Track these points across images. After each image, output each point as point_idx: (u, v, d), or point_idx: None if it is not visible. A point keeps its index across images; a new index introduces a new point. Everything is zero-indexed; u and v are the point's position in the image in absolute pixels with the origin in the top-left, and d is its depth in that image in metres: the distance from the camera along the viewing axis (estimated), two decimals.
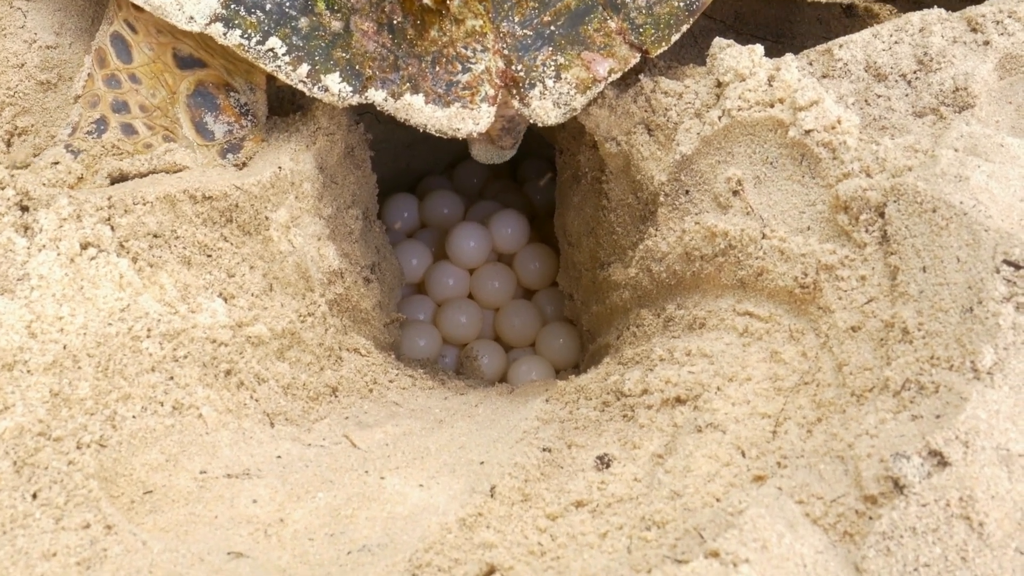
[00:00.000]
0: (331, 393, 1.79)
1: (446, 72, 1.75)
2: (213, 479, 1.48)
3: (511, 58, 1.77)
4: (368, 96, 1.76)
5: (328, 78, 1.75)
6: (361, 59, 1.75)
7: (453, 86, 1.75)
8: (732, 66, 1.76)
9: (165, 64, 1.86)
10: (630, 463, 1.50)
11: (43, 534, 1.29)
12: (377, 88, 1.75)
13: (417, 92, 1.75)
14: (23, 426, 1.39)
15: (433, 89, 1.74)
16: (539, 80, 1.78)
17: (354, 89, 1.75)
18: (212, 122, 1.86)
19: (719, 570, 1.14)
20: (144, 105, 1.85)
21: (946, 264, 1.41)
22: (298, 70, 1.75)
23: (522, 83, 1.77)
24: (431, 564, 1.32)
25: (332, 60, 1.76)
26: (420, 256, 2.73)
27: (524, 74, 1.77)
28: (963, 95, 1.71)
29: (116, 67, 1.85)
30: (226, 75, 1.88)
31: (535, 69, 1.78)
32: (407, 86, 1.75)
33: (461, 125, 1.76)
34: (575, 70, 1.78)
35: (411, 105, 1.75)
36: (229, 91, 1.87)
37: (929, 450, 1.22)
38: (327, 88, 1.75)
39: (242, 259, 1.75)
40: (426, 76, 1.74)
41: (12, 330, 1.47)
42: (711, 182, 1.76)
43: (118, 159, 1.81)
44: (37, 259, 1.56)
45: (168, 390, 1.54)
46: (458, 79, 1.75)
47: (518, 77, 1.77)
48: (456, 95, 1.75)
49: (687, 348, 1.67)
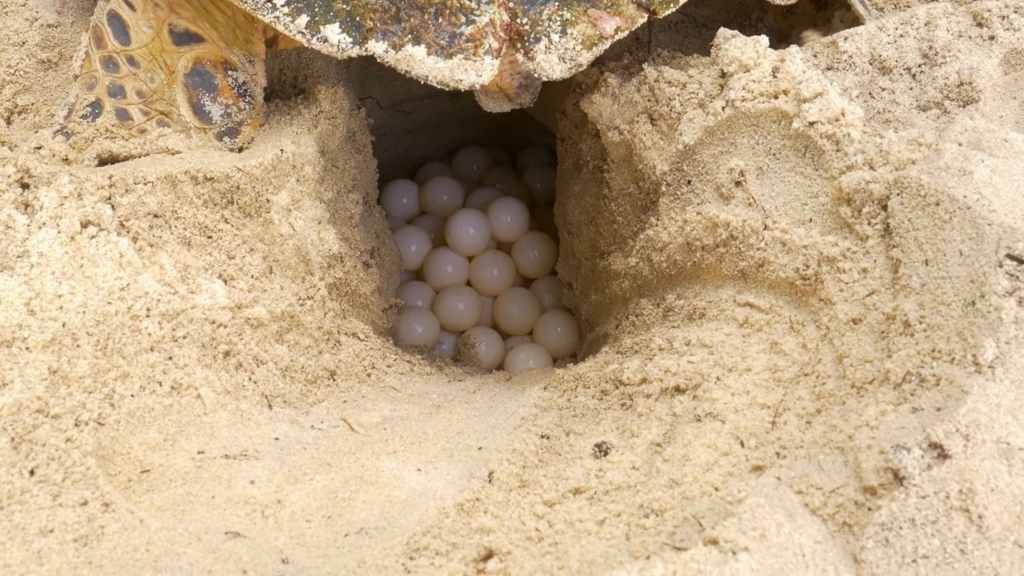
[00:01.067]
0: (329, 377, 1.78)
1: (449, 24, 1.73)
2: (211, 459, 1.48)
3: (516, 11, 1.76)
4: (368, 48, 1.73)
5: (327, 29, 1.73)
6: (362, 10, 1.73)
7: (456, 38, 1.73)
8: (736, 56, 1.76)
9: (163, 42, 1.84)
10: (628, 451, 1.50)
11: (40, 510, 1.29)
12: (378, 39, 1.73)
13: (419, 43, 1.73)
14: (21, 403, 1.39)
15: (435, 41, 1.72)
16: (544, 34, 1.76)
17: (354, 40, 1.73)
18: (210, 104, 1.85)
19: (718, 558, 1.14)
20: (141, 91, 1.83)
21: (948, 258, 1.41)
22: (296, 21, 1.73)
23: (527, 37, 1.76)
24: (428, 548, 1.32)
25: (332, 11, 1.73)
26: (419, 242, 2.73)
27: (529, 28, 1.76)
28: (967, 89, 1.71)
29: (114, 48, 1.84)
30: (224, 49, 1.86)
31: (540, 23, 1.76)
32: (408, 38, 1.73)
33: (463, 77, 1.74)
34: (581, 26, 1.77)
35: (412, 56, 1.73)
36: (227, 70, 1.86)
37: (929, 442, 1.22)
38: (326, 39, 1.73)
39: (242, 241, 1.74)
40: (428, 28, 1.73)
41: (11, 307, 1.47)
42: (714, 172, 1.76)
43: (110, 140, 1.80)
44: (37, 236, 1.55)
45: (167, 370, 1.54)
46: (461, 31, 1.73)
47: (523, 30, 1.75)
48: (459, 47, 1.73)
49: (687, 338, 1.66)
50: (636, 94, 1.92)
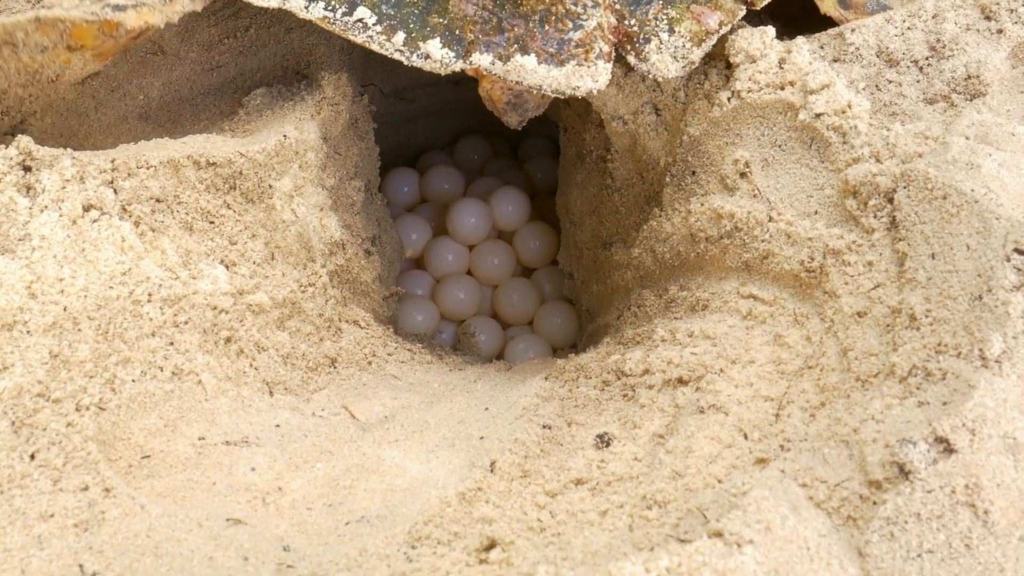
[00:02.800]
0: (330, 364, 1.78)
1: (556, 31, 1.71)
2: (211, 446, 1.47)
3: (623, 13, 1.74)
4: (473, 60, 1.70)
5: (428, 45, 1.69)
6: (460, 23, 1.70)
7: (565, 44, 1.71)
8: (743, 47, 1.75)
9: None
10: (630, 442, 1.49)
11: (41, 495, 1.28)
12: (481, 52, 1.70)
13: (527, 53, 1.70)
14: (22, 386, 1.38)
15: (544, 49, 1.70)
16: (653, 34, 1.75)
17: (457, 54, 1.70)
18: None
19: (723, 550, 1.13)
20: None
21: (955, 251, 1.40)
22: (393, 39, 1.69)
23: (636, 38, 1.74)
24: (430, 537, 1.32)
25: (429, 26, 1.70)
26: (420, 231, 2.72)
27: (637, 29, 1.74)
28: (975, 83, 1.70)
29: None
30: None
31: (648, 23, 1.75)
32: (515, 47, 1.70)
33: (580, 83, 1.71)
34: (687, 23, 1.76)
35: (523, 67, 1.70)
36: None
37: (935, 437, 1.21)
38: (428, 55, 1.69)
39: (244, 227, 1.73)
40: (535, 36, 1.70)
41: (12, 290, 1.46)
42: (718, 164, 1.75)
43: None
44: (39, 220, 1.54)
45: (168, 355, 1.53)
46: (570, 37, 1.71)
47: (631, 32, 1.74)
48: (570, 53, 1.71)
49: (689, 329, 1.66)
50: (641, 84, 1.91)
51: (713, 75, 1.80)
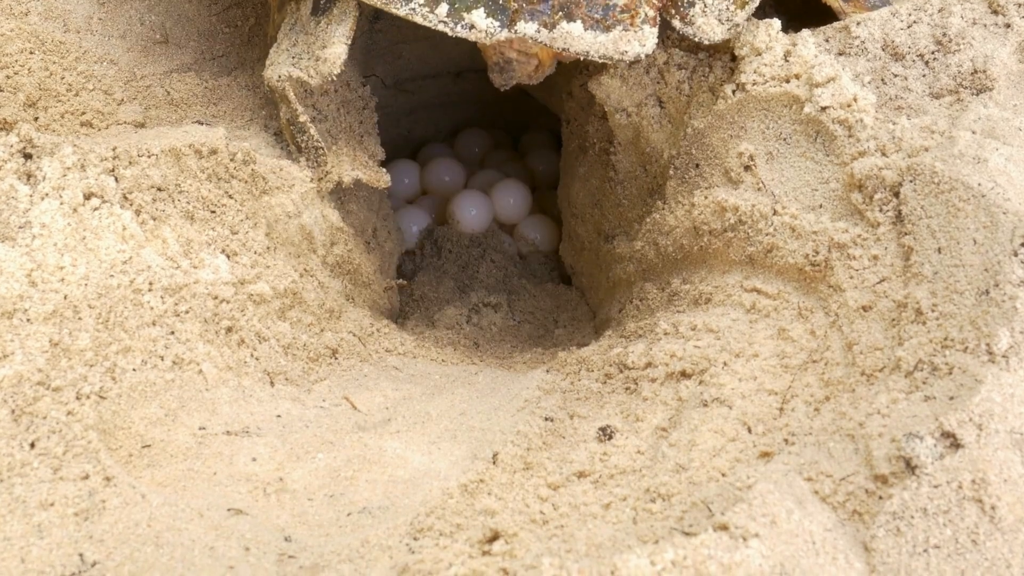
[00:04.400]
0: (331, 355, 1.77)
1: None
2: (212, 436, 1.46)
3: None
4: (518, 29, 1.68)
5: (472, 15, 1.67)
6: None
7: (610, 10, 1.69)
8: (748, 40, 1.74)
9: None
10: (633, 435, 1.48)
11: (41, 483, 1.27)
12: (527, 20, 1.68)
13: (573, 19, 1.68)
14: (22, 375, 1.37)
15: (589, 15, 1.68)
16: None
17: (501, 24, 1.68)
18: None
19: (728, 544, 1.13)
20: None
21: (962, 246, 1.39)
22: (436, 10, 1.68)
23: (680, 2, 1.72)
24: (433, 528, 1.31)
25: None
26: (420, 223, 2.71)
27: None
28: (981, 77, 1.69)
29: None
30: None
31: None
32: (560, 15, 1.68)
33: (628, 48, 1.70)
34: None
35: (569, 33, 1.68)
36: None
37: (942, 431, 1.21)
38: (473, 25, 1.68)
39: (246, 216, 1.72)
40: (579, 3, 1.68)
41: (12, 278, 1.45)
42: (722, 156, 1.75)
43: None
44: (40, 207, 1.53)
45: (169, 345, 1.52)
46: (614, 3, 1.69)
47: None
48: (615, 19, 1.69)
49: (692, 323, 1.65)
50: (645, 76, 1.90)
51: (718, 67, 1.80)
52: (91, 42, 2.05)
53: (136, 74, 2.05)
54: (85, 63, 2.02)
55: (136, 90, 2.03)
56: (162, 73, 2.07)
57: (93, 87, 2.01)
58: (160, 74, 2.07)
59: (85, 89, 2.00)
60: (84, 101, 1.98)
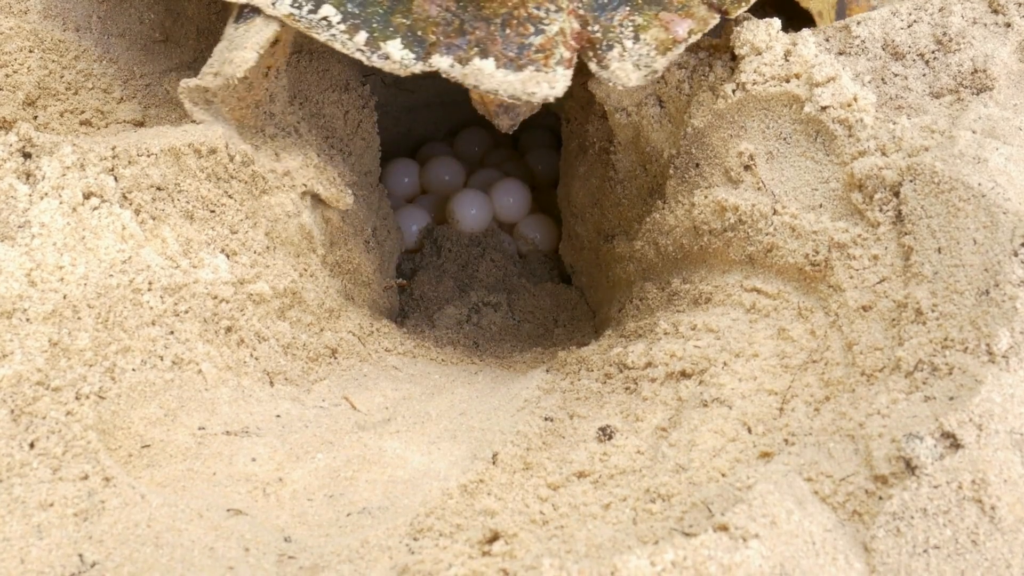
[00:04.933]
0: (331, 355, 1.77)
1: (517, 34, 1.66)
2: (212, 436, 1.46)
3: (587, 18, 1.69)
4: (432, 63, 1.66)
5: (388, 45, 1.66)
6: (423, 24, 1.66)
7: (525, 49, 1.66)
8: (748, 39, 1.74)
9: None
10: (633, 435, 1.48)
11: (40, 484, 1.27)
12: (442, 54, 1.66)
13: (486, 56, 1.65)
14: (21, 374, 1.36)
15: (504, 53, 1.65)
16: (617, 41, 1.69)
17: (417, 56, 1.66)
18: None
19: (728, 544, 1.13)
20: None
21: (962, 246, 1.39)
22: (355, 38, 1.67)
23: (599, 44, 1.69)
24: (432, 529, 1.31)
25: (392, 26, 1.67)
26: (420, 222, 2.71)
27: (601, 35, 1.69)
28: (982, 77, 1.69)
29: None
30: None
31: (612, 30, 1.69)
32: (475, 51, 1.65)
33: (536, 89, 1.66)
34: (654, 31, 1.70)
35: (480, 71, 1.65)
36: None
37: (942, 432, 1.21)
38: (388, 56, 1.66)
39: (245, 216, 1.72)
40: (495, 39, 1.65)
41: (12, 278, 1.44)
42: (722, 156, 1.74)
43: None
44: (39, 207, 1.53)
45: (168, 344, 1.52)
46: (531, 41, 1.66)
47: (595, 38, 1.68)
48: (529, 58, 1.66)
49: (692, 323, 1.65)
50: None
51: (718, 67, 1.79)
52: (90, 40, 2.05)
53: (135, 72, 2.05)
54: (84, 61, 2.02)
55: (135, 89, 2.03)
56: (161, 72, 2.07)
57: (92, 86, 2.01)
58: (159, 73, 2.07)
59: (84, 88, 2.00)
60: (83, 100, 1.98)
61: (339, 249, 1.94)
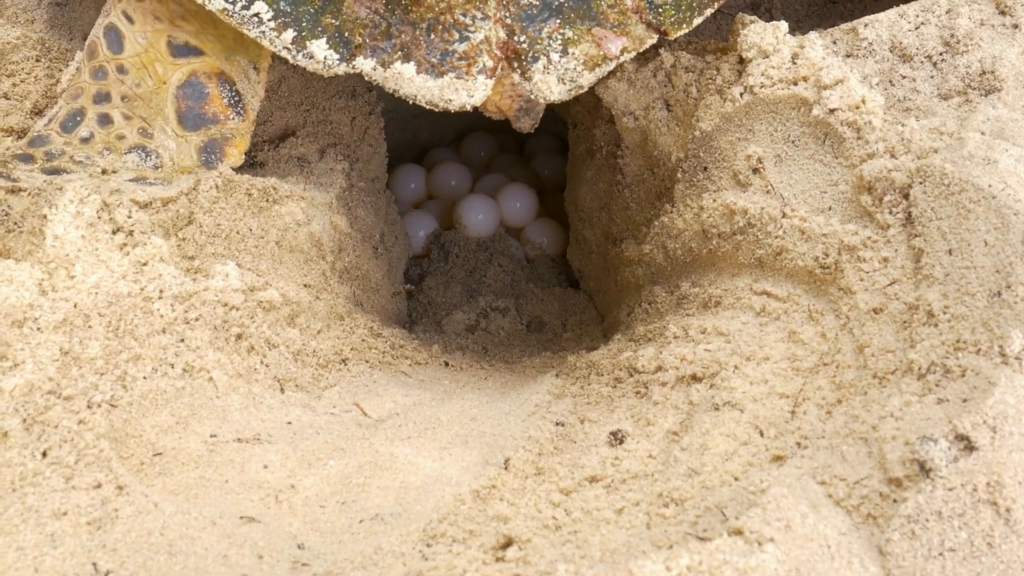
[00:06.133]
0: (340, 361, 1.77)
1: (442, 40, 1.64)
2: (223, 443, 1.46)
3: (514, 28, 1.66)
4: (356, 65, 1.66)
5: (314, 45, 1.65)
6: (351, 25, 1.65)
7: (448, 55, 1.64)
8: (755, 43, 1.74)
9: (158, 52, 1.79)
10: (644, 440, 1.48)
11: (53, 493, 1.27)
12: (366, 56, 1.65)
13: (408, 61, 1.64)
14: (33, 383, 1.37)
15: (426, 58, 1.64)
16: (543, 53, 1.67)
17: (341, 57, 1.66)
18: (196, 111, 1.79)
19: (743, 548, 1.12)
20: (126, 94, 1.77)
21: (973, 247, 1.39)
22: (282, 36, 1.66)
23: (524, 55, 1.67)
24: (445, 535, 1.31)
25: (320, 26, 1.66)
26: (427, 227, 2.71)
27: (527, 46, 1.67)
28: (990, 78, 1.69)
29: (105, 58, 1.78)
30: (223, 61, 1.80)
31: (540, 42, 1.67)
32: (399, 55, 1.64)
33: (454, 96, 1.66)
34: (584, 46, 1.68)
35: (401, 75, 1.65)
36: (223, 81, 1.81)
37: (956, 434, 1.20)
38: (312, 55, 1.66)
39: (256, 224, 1.72)
40: (420, 44, 1.64)
41: (23, 287, 1.45)
42: (731, 159, 1.74)
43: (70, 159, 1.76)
44: (53, 216, 1.53)
45: (179, 352, 1.52)
46: (454, 48, 1.65)
47: (520, 49, 1.66)
48: (451, 65, 1.64)
49: (702, 326, 1.65)
50: (652, 79, 1.90)
51: (725, 70, 1.79)
52: None
53: None
54: None
55: None
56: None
57: None
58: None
59: None
60: None
61: (347, 256, 1.94)
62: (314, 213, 1.82)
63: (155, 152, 1.75)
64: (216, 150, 1.78)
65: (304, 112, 2.10)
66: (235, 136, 1.79)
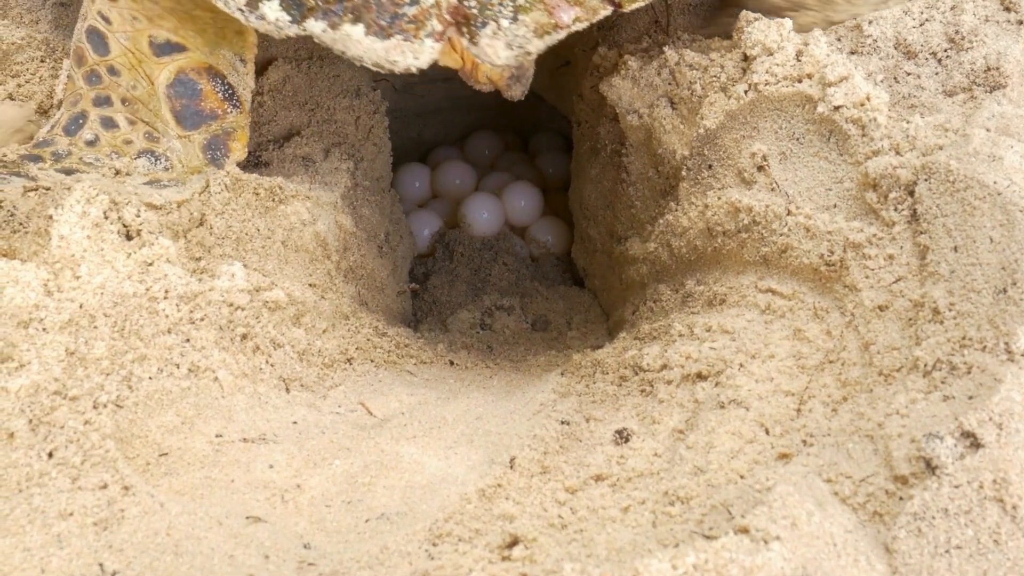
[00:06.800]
0: (346, 360, 1.77)
1: (392, 3, 1.63)
2: (229, 443, 1.46)
3: None
4: (307, 27, 1.65)
5: (266, 6, 1.65)
6: None
7: (398, 18, 1.63)
8: (760, 40, 1.74)
9: (141, 52, 1.79)
10: (649, 438, 1.48)
11: (60, 493, 1.27)
12: (317, 19, 1.64)
13: (358, 23, 1.63)
14: (39, 384, 1.37)
15: (376, 21, 1.63)
16: (493, 19, 1.65)
17: (293, 19, 1.65)
18: (192, 108, 1.79)
19: (750, 547, 1.12)
20: (126, 97, 1.78)
21: (978, 244, 1.39)
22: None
23: (474, 20, 1.65)
24: (452, 534, 1.31)
25: None
26: (432, 226, 2.71)
27: (477, 11, 1.65)
28: (995, 75, 1.69)
29: (94, 61, 1.78)
30: (209, 55, 1.80)
31: (490, 7, 1.65)
32: (349, 17, 1.64)
33: (399, 58, 1.65)
34: (535, 14, 1.66)
35: (349, 36, 1.64)
36: (212, 75, 1.81)
37: (962, 431, 1.20)
38: (264, 16, 1.65)
39: (262, 224, 1.73)
40: (371, 7, 1.63)
41: (28, 287, 1.45)
42: (735, 157, 1.74)
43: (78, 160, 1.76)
44: (59, 217, 1.53)
45: (184, 352, 1.52)
46: (405, 11, 1.63)
47: (470, 14, 1.65)
48: (400, 28, 1.63)
49: (707, 324, 1.65)
50: (656, 77, 1.90)
51: (730, 67, 1.79)
52: None
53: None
54: None
55: None
56: None
57: None
58: None
59: None
60: None
61: (352, 255, 1.94)
62: (319, 212, 1.82)
63: (164, 156, 1.75)
64: (220, 146, 1.78)
65: (308, 111, 2.10)
66: (236, 130, 1.79)
